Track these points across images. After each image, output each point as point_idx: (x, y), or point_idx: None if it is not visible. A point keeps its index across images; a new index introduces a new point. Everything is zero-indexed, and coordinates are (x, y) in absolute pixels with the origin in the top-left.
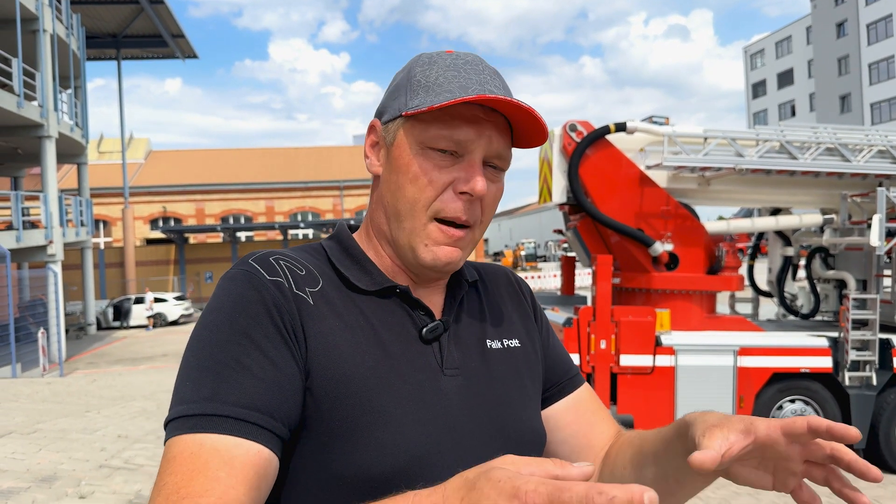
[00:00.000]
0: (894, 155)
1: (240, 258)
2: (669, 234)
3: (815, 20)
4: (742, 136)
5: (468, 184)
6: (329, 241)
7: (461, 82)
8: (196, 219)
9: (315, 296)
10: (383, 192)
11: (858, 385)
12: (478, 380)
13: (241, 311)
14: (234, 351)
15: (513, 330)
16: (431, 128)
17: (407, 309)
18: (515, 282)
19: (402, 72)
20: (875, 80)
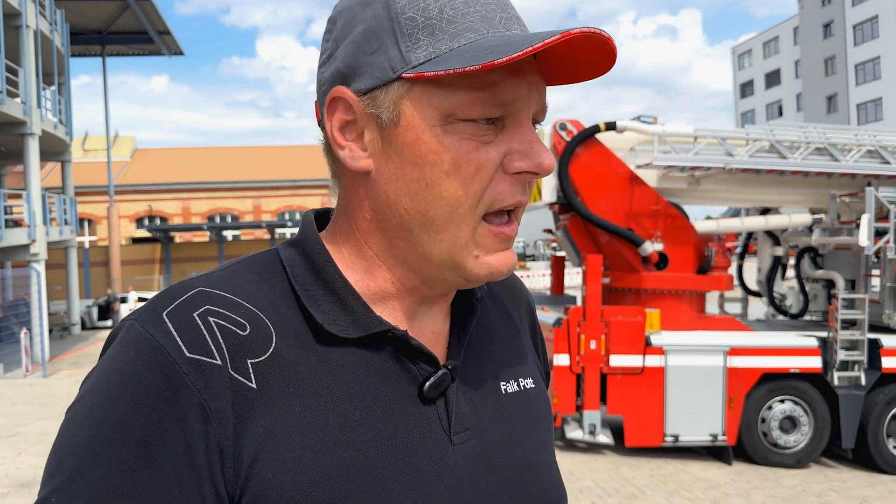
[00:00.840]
0: (883, 155)
1: (151, 302)
2: (659, 234)
3: (802, 21)
4: (732, 135)
5: (531, 159)
6: (290, 252)
7: (481, 11)
8: (182, 217)
9: (261, 371)
10: (388, 195)
11: (847, 385)
12: (495, 441)
13: (139, 413)
14: (119, 476)
15: (526, 365)
16: (459, 90)
17: (401, 359)
18: (526, 301)
19: (370, 6)
20: (861, 81)
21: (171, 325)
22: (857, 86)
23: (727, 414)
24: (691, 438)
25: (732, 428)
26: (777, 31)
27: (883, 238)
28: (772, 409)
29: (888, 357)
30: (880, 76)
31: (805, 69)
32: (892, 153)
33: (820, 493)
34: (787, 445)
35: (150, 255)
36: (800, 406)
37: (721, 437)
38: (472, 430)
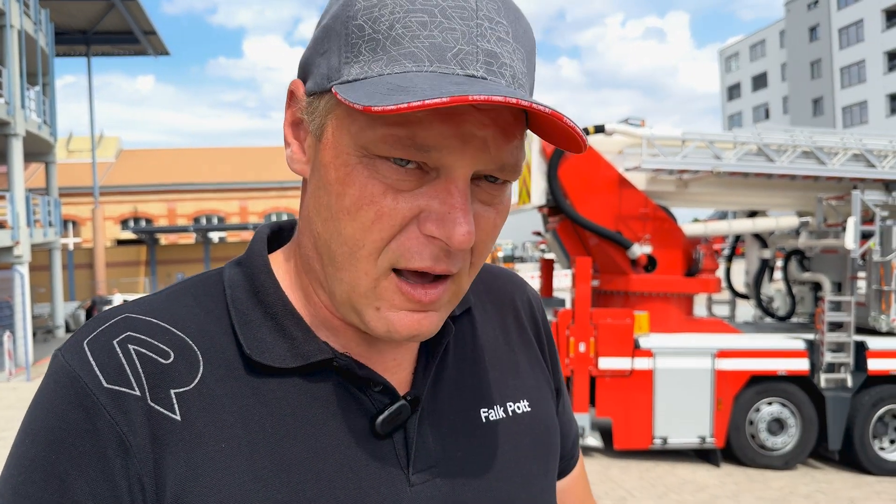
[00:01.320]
0: (868, 159)
1: (78, 330)
2: (648, 237)
3: (789, 24)
4: (720, 138)
5: (443, 227)
6: (234, 271)
7: (435, 38)
8: (168, 219)
9: (186, 402)
10: (312, 212)
11: (834, 387)
12: (466, 478)
13: (59, 449)
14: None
15: (522, 385)
16: (378, 124)
17: (351, 389)
18: (529, 307)
19: (337, 0)
20: (846, 84)
21: (89, 354)
22: (842, 89)
23: (715, 416)
24: (680, 441)
25: (721, 430)
26: (764, 34)
27: (869, 241)
28: (759, 411)
29: (874, 359)
30: (865, 79)
31: (791, 72)
32: (878, 157)
33: (807, 495)
34: (775, 447)
35: (136, 257)
36: (787, 408)
37: (709, 440)
38: (437, 468)
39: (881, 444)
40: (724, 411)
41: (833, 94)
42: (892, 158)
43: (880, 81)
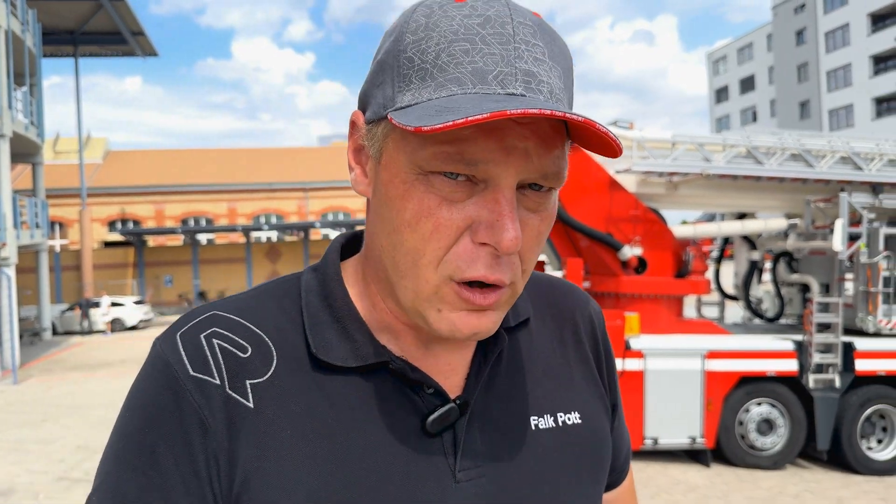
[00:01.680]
0: (856, 161)
1: (172, 324)
2: (638, 239)
3: (776, 28)
4: (709, 141)
5: (493, 234)
6: (310, 277)
7: (476, 63)
8: (155, 221)
9: (259, 392)
10: (377, 228)
11: (822, 387)
12: (511, 481)
13: (152, 426)
14: (136, 481)
15: (574, 398)
16: (429, 143)
17: (405, 390)
18: (590, 321)
19: (391, 34)
20: (833, 88)
21: (181, 346)
22: (828, 92)
23: (705, 417)
24: (670, 441)
25: (711, 430)
26: (751, 37)
27: (856, 243)
28: (749, 411)
29: (861, 360)
30: (851, 83)
31: (779, 75)
32: (865, 160)
33: (796, 494)
34: (765, 447)
35: (123, 259)
36: (776, 408)
37: (700, 440)
38: (483, 468)
39: (869, 444)
40: (713, 412)
41: (820, 98)
42: (879, 161)
43: (866, 85)
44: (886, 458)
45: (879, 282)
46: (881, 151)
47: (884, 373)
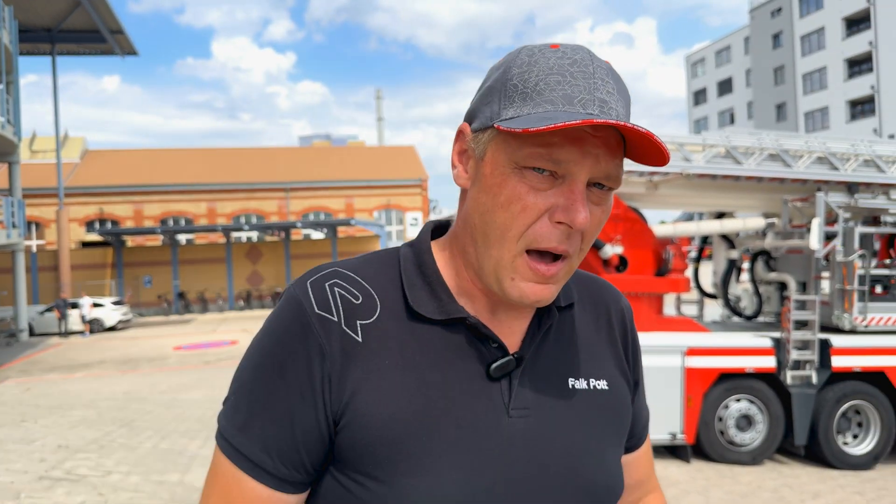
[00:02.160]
0: (832, 162)
1: (308, 270)
2: (619, 237)
3: (753, 31)
4: (689, 141)
5: (568, 214)
6: (407, 250)
7: (566, 90)
8: (134, 221)
9: (366, 330)
10: (471, 210)
11: (800, 384)
12: (550, 423)
13: (283, 347)
14: (267, 387)
15: (603, 369)
16: (527, 145)
17: (476, 341)
18: (620, 311)
19: (499, 68)
20: (808, 91)
21: (310, 290)
22: (804, 95)
23: (686, 413)
24: (651, 437)
25: (691, 427)
26: (729, 40)
27: (832, 241)
28: (728, 407)
29: (838, 356)
30: (826, 86)
31: (756, 78)
32: (841, 160)
33: (775, 489)
34: (744, 443)
35: (102, 260)
36: (755, 405)
37: (680, 436)
38: (529, 410)
39: (844, 439)
40: (693, 408)
41: (796, 100)
42: (854, 162)
43: (840, 88)
44: (862, 452)
45: (855, 280)
46: (856, 152)
47: (859, 369)
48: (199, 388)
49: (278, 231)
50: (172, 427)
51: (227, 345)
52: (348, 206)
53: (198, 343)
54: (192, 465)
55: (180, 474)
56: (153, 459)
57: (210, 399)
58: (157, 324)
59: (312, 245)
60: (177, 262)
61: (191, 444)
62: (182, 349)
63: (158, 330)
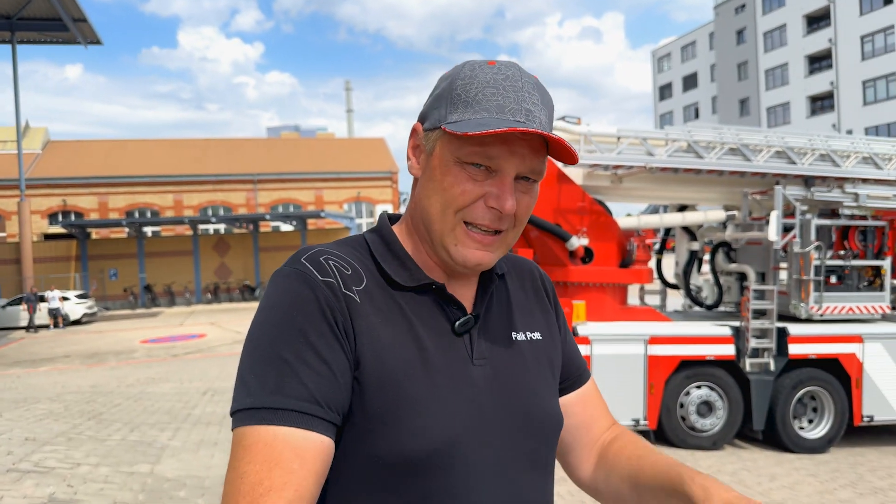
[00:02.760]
0: (790, 156)
1: (291, 256)
2: (585, 230)
3: (718, 27)
4: (652, 135)
5: (498, 201)
6: (372, 235)
7: (499, 101)
8: (99, 213)
9: (361, 294)
10: (421, 194)
11: (758, 371)
12: (504, 368)
13: (299, 310)
14: (293, 348)
15: (535, 323)
16: (466, 145)
17: (441, 304)
18: (540, 277)
19: (446, 80)
20: (771, 86)
21: (308, 264)
22: (767, 90)
23: (648, 400)
24: None
25: (653, 413)
26: (694, 35)
27: (790, 233)
28: (689, 394)
29: (794, 344)
30: (788, 82)
31: (720, 73)
32: (798, 154)
33: (734, 472)
34: (704, 429)
35: (66, 253)
36: (715, 391)
37: (643, 422)
38: (487, 360)
39: (800, 424)
40: (656, 395)
41: (759, 95)
42: (811, 156)
43: (801, 84)
44: (816, 436)
45: (811, 270)
46: (813, 147)
47: (815, 356)
48: (168, 381)
49: (246, 223)
50: (142, 419)
51: (195, 338)
52: (318, 198)
53: (165, 336)
54: (162, 456)
55: (151, 465)
56: (122, 451)
57: (179, 392)
58: (123, 317)
59: (281, 237)
60: (143, 254)
61: (161, 436)
62: (149, 342)
63: (125, 323)
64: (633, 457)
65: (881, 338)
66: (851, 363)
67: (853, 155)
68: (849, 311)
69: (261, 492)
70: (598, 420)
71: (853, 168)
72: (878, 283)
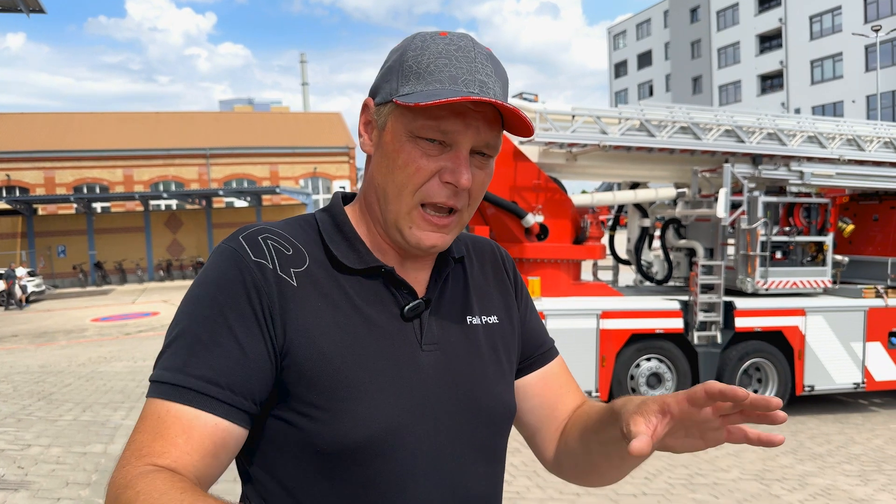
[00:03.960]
0: (738, 135)
1: (235, 230)
2: (540, 207)
3: (672, 5)
4: (606, 114)
5: (454, 175)
6: (322, 214)
7: (451, 72)
8: (45, 188)
9: (299, 277)
10: (374, 172)
11: (706, 343)
12: (455, 354)
13: (222, 290)
14: (208, 327)
15: (493, 306)
16: (419, 118)
17: (391, 288)
18: (500, 256)
19: (396, 52)
20: (723, 65)
21: (244, 242)
22: (719, 69)
23: (600, 372)
24: None
25: (605, 385)
26: (649, 13)
27: (738, 210)
28: (639, 366)
29: (741, 318)
30: (739, 60)
31: (674, 51)
32: (747, 133)
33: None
34: None
35: (11, 229)
36: (664, 363)
37: (595, 394)
38: (438, 345)
39: None
40: (607, 367)
41: (711, 73)
42: (759, 135)
43: (752, 62)
44: None
45: (757, 246)
46: (761, 126)
47: (760, 329)
48: (121, 360)
49: (199, 199)
50: (94, 399)
51: (147, 316)
52: (273, 173)
53: (117, 314)
54: (115, 436)
55: (104, 445)
56: (74, 431)
57: (132, 370)
58: (72, 295)
59: (235, 213)
60: (92, 231)
61: (114, 415)
62: (100, 321)
63: (75, 302)
64: (582, 414)
65: (822, 311)
66: (794, 336)
67: (799, 134)
68: (792, 286)
69: (139, 456)
70: (563, 399)
71: (799, 147)
72: (821, 259)
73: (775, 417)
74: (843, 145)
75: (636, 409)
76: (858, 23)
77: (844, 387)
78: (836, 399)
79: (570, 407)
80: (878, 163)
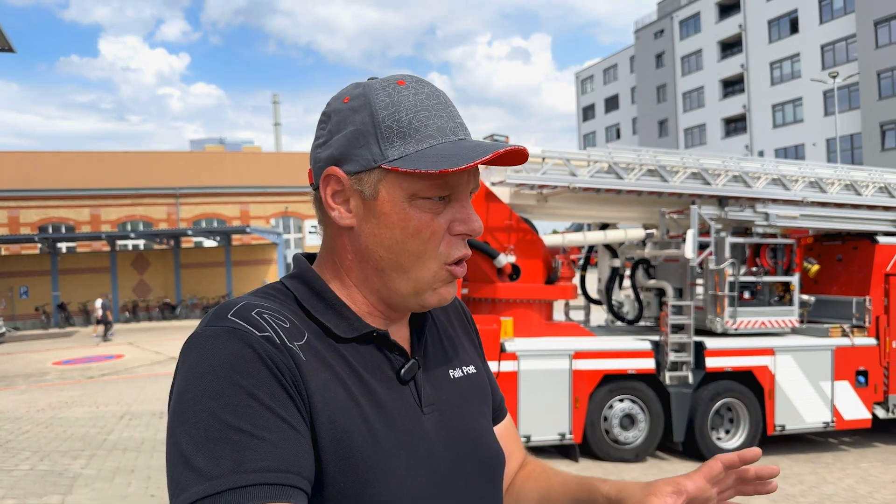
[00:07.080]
0: (704, 177)
1: (210, 315)
2: (512, 247)
3: (638, 51)
4: (575, 156)
5: (467, 225)
6: (294, 283)
7: (437, 123)
8: (9, 228)
9: (304, 349)
10: (368, 244)
11: (677, 384)
12: (450, 412)
13: (240, 371)
14: (243, 415)
15: (467, 356)
16: (423, 179)
17: (384, 351)
18: (462, 308)
19: (358, 111)
20: (688, 108)
21: (239, 320)
22: (684, 112)
23: (573, 414)
24: (542, 438)
25: (578, 427)
26: (616, 59)
27: (705, 251)
28: (612, 407)
29: (711, 357)
30: (704, 104)
31: (640, 96)
32: (713, 175)
33: None
34: (627, 441)
35: None
36: (637, 404)
37: (568, 436)
38: (434, 405)
39: (718, 435)
40: (580, 408)
41: (676, 117)
42: (725, 177)
43: (716, 106)
44: (734, 446)
45: (726, 286)
46: (726, 168)
47: (730, 369)
48: (83, 405)
49: (167, 239)
50: (53, 447)
51: (112, 359)
52: (243, 213)
53: (80, 357)
54: (74, 486)
55: (61, 496)
56: (31, 482)
57: (95, 416)
58: (34, 337)
59: (204, 253)
60: (56, 271)
61: (73, 464)
62: (63, 364)
63: (36, 344)
64: (542, 478)
65: (791, 350)
66: (764, 375)
67: (763, 176)
68: (761, 325)
69: None
70: (513, 455)
71: (763, 189)
72: (788, 299)
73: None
74: (806, 187)
75: (648, 491)
76: (816, 69)
77: (814, 426)
78: (807, 438)
79: (518, 462)
80: (839, 205)
